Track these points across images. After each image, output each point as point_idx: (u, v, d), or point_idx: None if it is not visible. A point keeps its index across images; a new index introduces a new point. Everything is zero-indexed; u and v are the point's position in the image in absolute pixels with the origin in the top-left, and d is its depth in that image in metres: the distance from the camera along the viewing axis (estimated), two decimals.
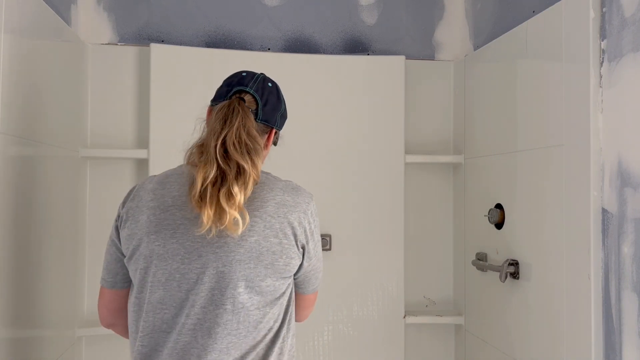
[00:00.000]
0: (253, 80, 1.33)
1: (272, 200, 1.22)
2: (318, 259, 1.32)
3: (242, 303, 1.18)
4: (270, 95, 1.32)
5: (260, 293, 1.19)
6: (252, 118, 1.25)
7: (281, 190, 1.25)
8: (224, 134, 1.19)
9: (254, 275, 1.18)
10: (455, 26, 2.58)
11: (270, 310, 1.21)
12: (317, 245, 1.30)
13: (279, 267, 1.20)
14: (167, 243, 1.19)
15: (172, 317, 1.20)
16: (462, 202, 2.46)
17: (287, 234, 1.21)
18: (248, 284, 1.18)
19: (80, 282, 2.25)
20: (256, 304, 1.19)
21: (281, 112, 1.35)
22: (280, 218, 1.21)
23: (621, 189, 1.48)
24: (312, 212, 1.27)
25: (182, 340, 1.19)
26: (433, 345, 2.55)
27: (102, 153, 2.26)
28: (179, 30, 2.41)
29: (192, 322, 1.18)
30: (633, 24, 1.45)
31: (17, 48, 1.57)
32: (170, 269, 1.19)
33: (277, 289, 1.22)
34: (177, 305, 1.19)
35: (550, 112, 1.76)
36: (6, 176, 1.51)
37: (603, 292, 1.54)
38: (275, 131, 1.34)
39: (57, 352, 1.96)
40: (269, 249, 1.19)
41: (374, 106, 2.45)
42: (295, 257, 1.24)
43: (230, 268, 1.17)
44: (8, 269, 1.54)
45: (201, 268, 1.18)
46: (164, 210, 1.21)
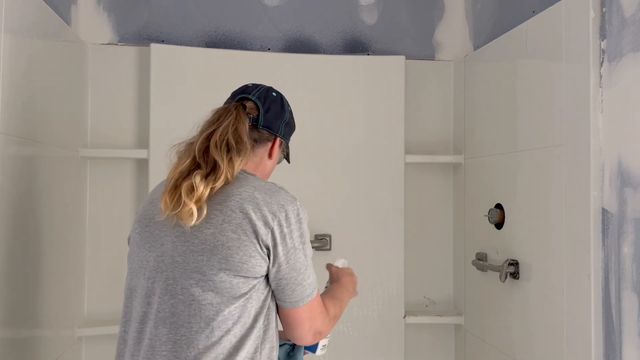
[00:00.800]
0: (257, 89, 1.36)
1: (238, 196, 1.19)
2: (293, 269, 1.20)
3: (193, 295, 1.16)
4: (273, 103, 1.34)
5: (214, 289, 1.16)
6: (246, 122, 1.28)
7: (252, 188, 1.22)
8: (209, 131, 1.25)
9: (207, 268, 1.16)
10: (455, 26, 2.58)
11: (226, 308, 1.16)
12: (290, 253, 1.20)
13: (234, 263, 1.16)
14: (143, 231, 1.25)
15: (139, 304, 1.22)
16: (462, 202, 2.46)
17: (247, 230, 1.17)
18: (201, 277, 1.16)
19: (80, 282, 2.25)
20: (209, 299, 1.16)
21: (285, 120, 1.36)
22: (242, 213, 1.17)
23: (621, 189, 1.48)
24: (287, 216, 1.20)
25: (145, 330, 1.21)
26: (433, 345, 2.55)
27: (102, 153, 2.27)
28: (179, 30, 2.41)
29: (152, 310, 1.20)
30: (633, 24, 1.45)
31: (17, 48, 1.57)
32: (141, 256, 1.24)
33: (234, 286, 1.16)
34: (142, 293, 1.22)
35: (550, 112, 1.76)
36: (6, 176, 1.51)
37: (603, 292, 1.54)
38: (280, 141, 1.36)
39: (57, 352, 1.96)
40: (225, 243, 1.16)
41: (374, 106, 2.45)
42: (257, 257, 1.17)
43: (184, 258, 1.18)
44: (8, 268, 1.54)
45: (160, 256, 1.21)
46: (150, 202, 1.29)
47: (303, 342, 1.29)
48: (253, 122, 1.31)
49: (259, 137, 1.32)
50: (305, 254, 1.23)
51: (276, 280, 1.21)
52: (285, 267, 1.20)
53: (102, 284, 2.31)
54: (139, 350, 1.21)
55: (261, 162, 1.34)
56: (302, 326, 1.26)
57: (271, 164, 1.37)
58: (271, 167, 1.39)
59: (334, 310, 1.35)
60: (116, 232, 2.33)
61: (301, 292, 1.23)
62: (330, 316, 1.32)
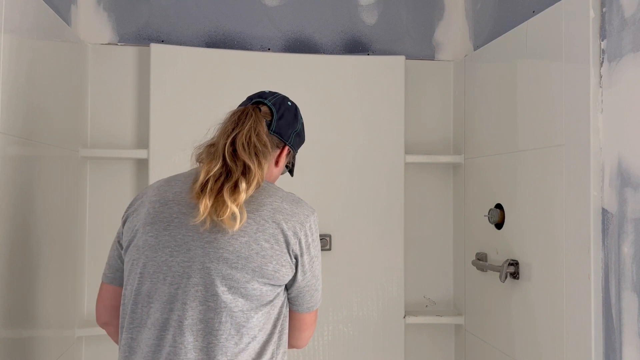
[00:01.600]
0: (273, 96, 1.37)
1: (269, 205, 1.21)
2: (314, 276, 1.27)
3: (225, 303, 1.16)
4: (287, 111, 1.35)
5: (245, 296, 1.17)
6: (265, 125, 1.28)
7: (280, 198, 1.24)
8: (234, 134, 1.23)
9: (240, 276, 1.16)
10: (455, 26, 2.58)
11: (255, 315, 1.18)
12: (313, 261, 1.25)
13: (267, 272, 1.18)
14: (160, 235, 1.21)
15: (158, 310, 1.19)
16: (462, 202, 2.46)
17: (279, 240, 1.19)
18: (233, 284, 1.16)
19: (80, 282, 2.25)
20: (240, 306, 1.17)
21: (296, 130, 1.36)
22: (274, 223, 1.19)
23: (621, 189, 1.48)
24: (311, 226, 1.24)
25: (166, 336, 1.18)
26: (433, 345, 2.55)
27: (102, 153, 2.27)
28: (179, 30, 2.41)
29: (175, 317, 1.17)
30: (633, 24, 1.45)
31: (17, 48, 1.57)
32: (159, 261, 1.20)
33: (263, 294, 1.19)
34: (163, 299, 1.19)
35: (550, 112, 1.76)
36: (6, 176, 1.51)
37: (603, 292, 1.54)
38: (288, 150, 1.36)
39: (57, 352, 1.96)
40: (259, 252, 1.17)
41: (374, 106, 2.45)
42: (287, 266, 1.20)
43: (216, 265, 1.17)
44: (8, 268, 1.54)
45: (188, 262, 1.18)
46: (163, 204, 1.24)
47: (303, 344, 1.35)
48: (267, 127, 1.31)
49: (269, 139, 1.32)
50: (320, 262, 1.29)
51: (299, 287, 1.26)
52: (309, 275, 1.25)
53: None
54: (158, 358, 1.18)
55: (269, 169, 1.33)
56: (310, 329, 1.33)
57: (277, 172, 1.37)
58: (276, 176, 1.39)
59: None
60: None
61: (317, 297, 1.30)
62: None
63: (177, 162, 2.28)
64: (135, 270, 1.23)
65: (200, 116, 2.32)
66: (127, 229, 1.28)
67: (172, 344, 1.17)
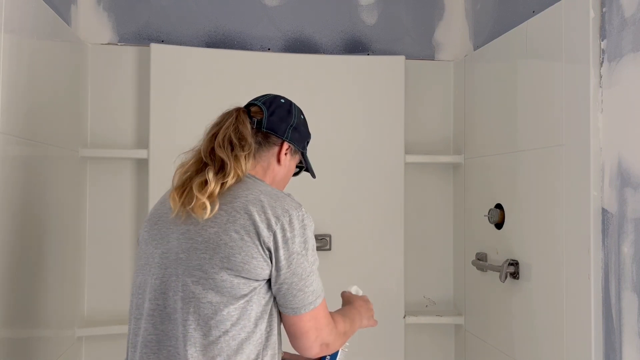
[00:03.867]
0: (264, 96, 1.39)
1: (244, 198, 1.21)
2: (295, 274, 1.20)
3: (194, 293, 1.17)
4: (279, 108, 1.36)
5: (214, 287, 1.16)
6: (247, 122, 1.31)
7: (259, 192, 1.23)
8: (212, 132, 1.30)
9: (209, 266, 1.17)
10: (455, 26, 2.58)
11: (225, 309, 1.16)
12: (293, 258, 1.19)
13: (235, 262, 1.16)
14: (151, 229, 1.28)
15: (144, 301, 1.24)
16: (462, 202, 2.46)
17: (250, 231, 1.17)
18: (202, 275, 1.17)
19: (80, 282, 2.25)
20: (209, 298, 1.16)
21: (292, 125, 1.36)
22: (246, 214, 1.19)
23: (621, 189, 1.48)
24: (291, 221, 1.20)
25: (148, 327, 1.22)
26: (433, 345, 2.55)
27: (102, 153, 2.27)
28: (179, 30, 2.41)
29: (153, 307, 1.22)
30: (633, 24, 1.45)
31: (17, 48, 1.57)
32: (148, 253, 1.27)
33: (234, 287, 1.16)
34: (148, 290, 1.24)
35: (550, 112, 1.76)
36: (6, 176, 1.51)
37: (603, 292, 1.54)
38: (288, 146, 1.35)
39: (57, 352, 1.96)
40: (227, 242, 1.17)
41: (374, 106, 2.45)
42: (259, 259, 1.17)
43: (187, 255, 1.19)
44: (8, 269, 1.54)
45: (166, 253, 1.23)
46: (160, 203, 1.34)
47: (310, 353, 1.27)
48: (257, 126, 1.32)
49: (263, 140, 1.33)
50: (308, 260, 1.22)
51: (277, 284, 1.20)
52: (286, 271, 1.19)
53: (102, 284, 2.31)
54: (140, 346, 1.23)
55: (269, 167, 1.34)
56: (308, 336, 1.24)
57: (282, 170, 1.36)
58: (283, 175, 1.38)
59: (343, 326, 1.34)
60: (116, 232, 2.33)
61: (302, 298, 1.21)
62: (338, 330, 1.31)
63: (177, 162, 2.29)
64: (136, 264, 1.31)
65: (200, 116, 2.29)
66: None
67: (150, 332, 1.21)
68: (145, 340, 1.22)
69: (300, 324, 1.23)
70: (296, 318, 1.23)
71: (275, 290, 1.21)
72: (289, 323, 1.25)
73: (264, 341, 1.21)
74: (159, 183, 2.28)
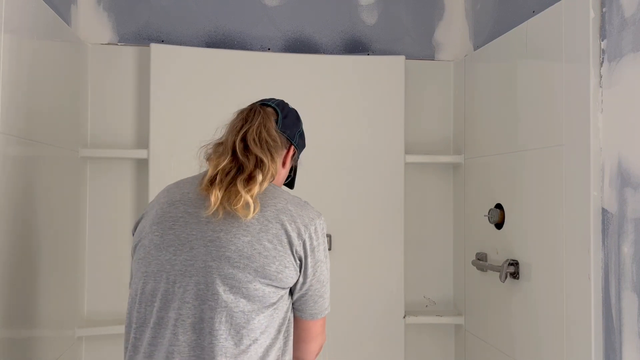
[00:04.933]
0: (273, 100, 1.38)
1: (273, 207, 1.21)
2: (318, 281, 1.24)
3: (226, 302, 1.15)
4: (290, 112, 1.37)
5: (247, 296, 1.15)
6: (273, 120, 1.30)
7: (284, 200, 1.23)
8: (244, 130, 1.25)
9: (242, 276, 1.15)
10: (455, 26, 2.58)
11: (257, 317, 1.16)
12: (318, 265, 1.23)
13: (270, 272, 1.16)
14: (165, 234, 1.21)
15: (160, 309, 1.18)
16: (462, 202, 2.46)
17: (283, 241, 1.18)
18: (234, 284, 1.15)
19: (80, 282, 2.25)
20: (241, 307, 1.15)
21: (299, 130, 1.38)
22: (278, 224, 1.19)
23: (621, 189, 1.48)
24: (316, 229, 1.22)
25: (166, 334, 1.17)
26: (433, 345, 2.55)
27: (102, 153, 2.26)
28: (179, 30, 2.41)
29: (176, 316, 1.16)
30: (633, 24, 1.45)
31: (17, 48, 1.57)
32: (163, 259, 1.19)
33: (266, 295, 1.17)
34: (164, 298, 1.18)
35: (550, 112, 1.76)
36: (6, 176, 1.51)
37: (603, 292, 1.54)
38: (294, 151, 1.36)
39: (57, 352, 1.96)
40: (262, 252, 1.16)
41: (374, 106, 2.44)
42: (291, 268, 1.19)
43: (218, 264, 1.16)
44: (8, 269, 1.54)
45: (190, 260, 1.17)
46: (170, 204, 1.25)
47: (311, 356, 1.31)
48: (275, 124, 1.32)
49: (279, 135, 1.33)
50: (328, 268, 1.26)
51: (302, 291, 1.23)
52: (312, 278, 1.22)
53: (102, 284, 2.31)
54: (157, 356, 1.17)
55: (276, 171, 1.31)
56: (316, 340, 1.30)
57: (283, 173, 1.37)
58: (282, 179, 1.38)
59: None
60: (116, 232, 2.33)
61: (322, 304, 1.26)
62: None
63: (177, 162, 2.29)
64: (141, 270, 1.22)
65: (200, 116, 2.32)
66: (137, 232, 1.28)
67: (173, 342, 1.16)
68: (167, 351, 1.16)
69: (314, 328, 1.28)
70: (312, 323, 1.27)
71: (299, 297, 1.24)
72: (302, 328, 1.28)
73: (283, 346, 1.22)
74: (159, 183, 2.28)
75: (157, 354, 1.17)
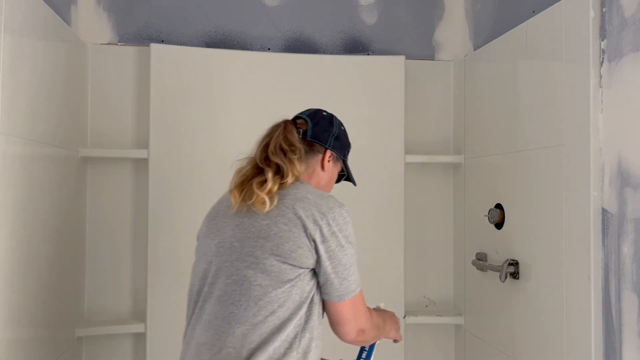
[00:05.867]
0: (309, 110, 1.58)
1: (293, 196, 1.37)
2: (341, 264, 1.34)
3: (246, 277, 1.32)
4: (322, 120, 1.54)
5: (264, 271, 1.31)
6: (294, 132, 1.47)
7: (306, 191, 1.39)
8: (265, 142, 1.46)
9: (260, 253, 1.32)
10: (455, 26, 2.58)
11: (273, 291, 1.30)
12: (338, 250, 1.34)
13: (284, 250, 1.31)
14: (210, 224, 1.45)
15: (201, 286, 1.40)
16: (462, 202, 2.46)
17: (297, 224, 1.32)
18: (253, 260, 1.32)
19: (80, 282, 2.25)
20: (259, 281, 1.31)
21: (334, 134, 1.54)
22: (293, 209, 1.34)
23: (621, 189, 1.48)
24: (335, 217, 1.35)
25: (204, 307, 1.36)
26: (433, 345, 2.55)
27: (102, 153, 2.26)
28: (179, 30, 2.41)
29: (208, 290, 1.37)
30: (633, 24, 1.45)
31: (17, 48, 1.57)
32: (206, 244, 1.43)
33: (282, 272, 1.31)
34: (204, 276, 1.39)
35: (550, 112, 1.76)
36: (6, 176, 1.51)
37: (603, 292, 1.54)
38: (330, 153, 1.53)
39: (57, 352, 1.96)
40: (277, 233, 1.32)
41: (374, 106, 2.44)
42: (305, 248, 1.31)
43: (240, 243, 1.35)
44: (8, 269, 1.54)
45: (221, 242, 1.38)
46: (219, 202, 1.50)
47: (348, 339, 1.42)
48: (303, 135, 1.49)
49: (309, 149, 1.49)
50: (350, 253, 1.37)
51: (325, 274, 1.34)
52: (333, 261, 1.33)
53: (102, 284, 2.31)
54: (200, 324, 1.36)
55: (314, 172, 1.51)
56: (349, 323, 1.39)
57: (326, 176, 1.53)
58: (327, 181, 1.55)
59: (377, 319, 1.50)
60: (116, 232, 2.33)
61: (347, 286, 1.35)
62: (373, 321, 1.47)
63: (177, 162, 2.29)
64: (196, 255, 1.47)
65: (200, 116, 2.32)
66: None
67: (208, 312, 1.35)
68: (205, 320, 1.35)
69: (342, 310, 1.37)
70: (339, 305, 1.36)
71: (322, 280, 1.35)
72: (331, 310, 1.38)
73: (303, 324, 1.33)
74: (159, 183, 2.28)
75: (198, 325, 1.36)
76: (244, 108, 2.34)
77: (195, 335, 1.36)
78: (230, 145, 2.35)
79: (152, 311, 2.25)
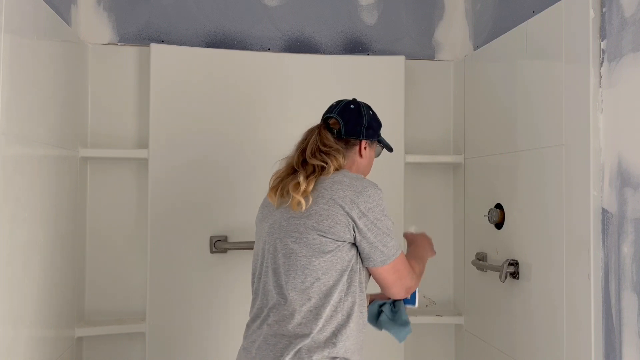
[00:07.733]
0: (337, 106, 1.71)
1: (331, 179, 1.54)
2: (379, 233, 1.50)
3: (292, 249, 1.51)
4: (351, 115, 1.67)
5: (307, 245, 1.49)
6: (329, 134, 1.64)
7: (343, 175, 1.55)
8: (301, 148, 1.62)
9: (303, 229, 1.50)
10: (455, 26, 2.58)
11: (316, 260, 1.48)
12: (374, 223, 1.50)
13: (324, 226, 1.48)
14: (263, 211, 1.67)
15: (260, 263, 1.61)
16: (462, 202, 2.46)
17: (334, 204, 1.49)
18: (297, 236, 1.51)
19: (80, 282, 2.25)
20: (304, 253, 1.49)
21: (365, 125, 1.67)
22: (331, 192, 1.51)
23: (621, 189, 1.48)
24: (370, 195, 1.50)
25: (262, 280, 1.57)
26: (433, 345, 2.55)
27: (102, 153, 2.26)
28: (179, 30, 2.41)
29: (266, 265, 1.57)
30: (633, 24, 1.45)
31: (17, 48, 1.57)
32: (261, 227, 1.65)
33: (322, 244, 1.48)
34: (262, 254, 1.60)
35: (550, 112, 1.76)
36: (6, 176, 1.51)
37: (603, 292, 1.54)
38: (365, 142, 1.68)
39: (57, 352, 1.96)
40: (318, 211, 1.49)
41: (373, 106, 2.43)
42: (342, 224, 1.48)
43: (287, 223, 1.54)
44: (8, 268, 1.54)
45: (272, 224, 1.59)
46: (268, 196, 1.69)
47: (399, 297, 1.62)
48: (337, 135, 1.64)
49: (346, 145, 1.65)
50: (386, 224, 1.52)
51: (367, 245, 1.50)
52: (372, 234, 1.49)
53: (102, 283, 2.31)
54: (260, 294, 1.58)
55: (354, 162, 1.68)
56: (395, 284, 1.57)
57: (364, 161, 1.70)
58: (366, 164, 1.71)
59: (418, 268, 1.66)
60: (116, 232, 2.33)
61: (388, 252, 1.52)
62: (416, 273, 1.63)
63: (177, 162, 2.29)
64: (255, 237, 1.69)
65: (200, 116, 2.32)
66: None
67: (264, 283, 1.57)
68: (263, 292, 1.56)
69: (386, 274, 1.55)
70: (382, 269, 1.54)
71: (367, 250, 1.51)
72: (376, 275, 1.56)
73: (346, 289, 1.50)
74: (159, 183, 2.28)
75: (259, 296, 1.58)
76: (244, 108, 2.34)
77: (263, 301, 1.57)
78: (230, 145, 2.35)
79: (152, 311, 2.25)
